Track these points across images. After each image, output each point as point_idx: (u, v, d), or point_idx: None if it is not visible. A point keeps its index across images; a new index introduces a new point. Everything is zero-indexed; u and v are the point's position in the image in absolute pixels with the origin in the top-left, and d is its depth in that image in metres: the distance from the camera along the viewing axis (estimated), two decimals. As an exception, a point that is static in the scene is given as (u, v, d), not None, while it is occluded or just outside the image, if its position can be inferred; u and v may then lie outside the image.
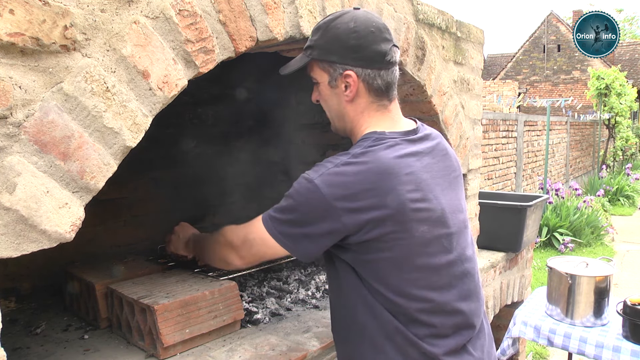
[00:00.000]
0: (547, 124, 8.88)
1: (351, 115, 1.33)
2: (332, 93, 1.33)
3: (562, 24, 24.34)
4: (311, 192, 1.19)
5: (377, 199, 1.15)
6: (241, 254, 1.40)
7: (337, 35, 1.25)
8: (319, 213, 1.19)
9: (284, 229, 1.27)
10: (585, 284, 2.35)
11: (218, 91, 3.02)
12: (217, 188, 3.15)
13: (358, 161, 1.19)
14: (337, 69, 1.27)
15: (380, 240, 1.18)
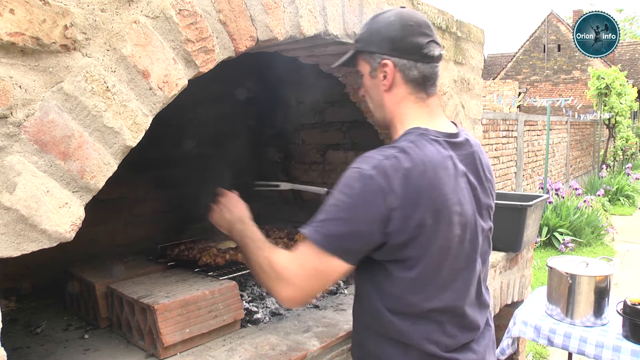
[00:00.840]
0: (547, 123, 8.88)
1: (389, 105, 1.35)
2: (372, 84, 1.36)
3: (563, 23, 24.33)
4: (366, 182, 1.16)
5: (422, 197, 1.17)
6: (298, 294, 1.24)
7: (378, 28, 1.32)
8: (374, 205, 1.15)
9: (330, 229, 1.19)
10: (585, 283, 2.35)
11: (218, 91, 3.02)
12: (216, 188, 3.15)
13: (406, 155, 1.19)
14: (376, 58, 1.32)
15: (418, 237, 1.18)
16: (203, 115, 3.04)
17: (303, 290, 1.23)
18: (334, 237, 1.18)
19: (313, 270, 1.21)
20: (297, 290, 1.23)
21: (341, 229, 1.18)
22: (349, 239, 1.18)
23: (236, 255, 2.07)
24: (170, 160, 2.85)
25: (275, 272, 1.25)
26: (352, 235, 1.18)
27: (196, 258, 2.10)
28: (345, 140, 2.99)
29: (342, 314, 1.97)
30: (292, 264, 1.24)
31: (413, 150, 1.20)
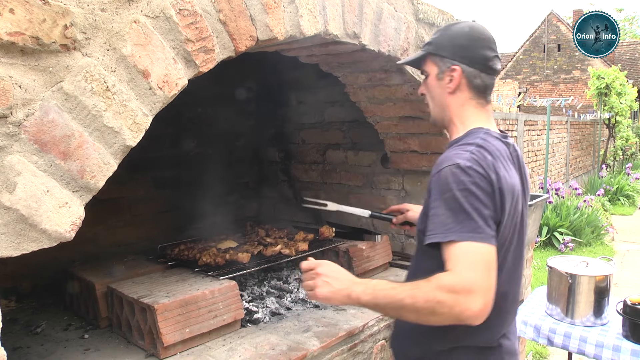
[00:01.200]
0: (547, 123, 8.87)
1: (451, 107, 1.45)
2: (437, 85, 1.46)
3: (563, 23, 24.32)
4: (471, 173, 1.22)
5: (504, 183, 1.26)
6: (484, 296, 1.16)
7: (453, 36, 1.43)
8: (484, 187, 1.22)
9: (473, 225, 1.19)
10: (585, 283, 2.35)
11: (218, 90, 3.02)
12: (216, 188, 3.15)
13: (484, 150, 1.29)
14: (446, 62, 1.43)
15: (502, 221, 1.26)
16: (203, 115, 3.04)
17: (488, 290, 1.18)
18: (477, 228, 1.19)
19: (484, 265, 1.18)
20: (485, 293, 1.17)
21: (476, 223, 1.19)
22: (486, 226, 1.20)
23: (236, 255, 2.07)
24: (170, 160, 2.85)
25: (453, 294, 1.16)
26: (486, 220, 1.21)
27: (196, 258, 2.10)
28: (345, 139, 2.99)
29: (342, 314, 1.97)
30: (463, 274, 1.17)
31: (487, 145, 1.32)
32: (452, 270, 1.18)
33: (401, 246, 2.79)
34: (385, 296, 1.26)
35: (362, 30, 1.79)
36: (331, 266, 1.42)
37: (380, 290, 1.27)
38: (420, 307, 1.19)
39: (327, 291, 1.36)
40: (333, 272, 1.40)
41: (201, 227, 3.02)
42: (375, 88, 2.35)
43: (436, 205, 1.24)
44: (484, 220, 1.20)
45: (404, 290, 1.23)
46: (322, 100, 3.05)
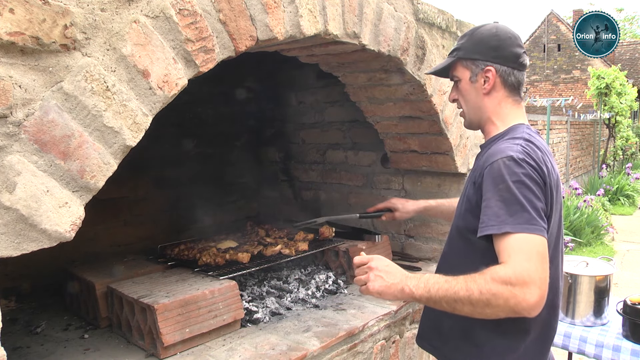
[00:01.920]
0: (548, 123, 8.87)
1: (488, 107, 1.48)
2: (471, 88, 1.49)
3: (563, 23, 24.32)
4: (522, 166, 1.25)
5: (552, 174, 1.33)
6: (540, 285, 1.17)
7: (482, 38, 1.47)
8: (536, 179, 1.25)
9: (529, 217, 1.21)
10: (585, 283, 2.35)
11: (218, 90, 3.02)
12: (217, 188, 3.15)
13: (532, 144, 1.34)
14: (479, 65, 1.46)
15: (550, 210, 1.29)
16: (203, 115, 3.04)
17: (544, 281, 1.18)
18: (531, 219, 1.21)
19: (538, 257, 1.19)
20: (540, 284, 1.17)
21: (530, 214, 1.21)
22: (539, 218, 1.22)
23: (236, 255, 2.07)
24: (170, 160, 2.85)
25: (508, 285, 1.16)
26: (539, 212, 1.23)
27: (196, 258, 2.10)
28: (345, 139, 2.99)
29: (342, 313, 1.97)
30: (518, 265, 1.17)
31: (533, 139, 1.36)
32: (507, 262, 1.18)
33: (401, 246, 2.79)
34: (439, 289, 1.26)
35: (362, 30, 1.79)
36: (384, 261, 1.44)
37: (434, 284, 1.28)
38: (476, 300, 1.20)
39: (380, 285, 1.38)
40: (386, 266, 1.41)
41: (201, 227, 3.02)
42: (375, 88, 2.35)
43: (489, 197, 1.25)
44: (537, 212, 1.22)
45: (458, 283, 1.24)
46: (322, 100, 3.05)
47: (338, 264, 2.38)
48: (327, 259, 2.44)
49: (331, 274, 2.33)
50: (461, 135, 2.49)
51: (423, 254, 2.67)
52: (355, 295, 2.19)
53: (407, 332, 2.13)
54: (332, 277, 2.30)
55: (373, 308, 2.03)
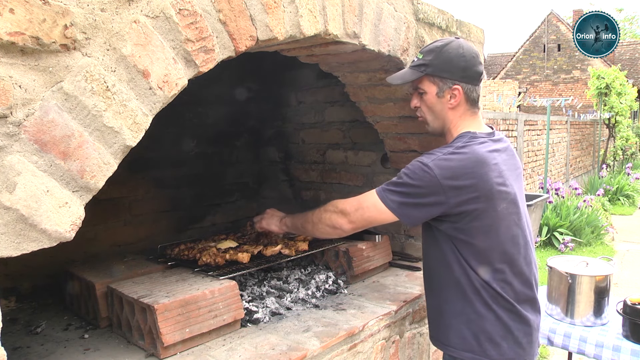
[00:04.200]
0: (547, 123, 8.88)
1: (451, 119, 1.70)
2: (437, 101, 1.69)
3: (563, 23, 24.31)
4: (425, 172, 1.53)
5: (474, 181, 1.52)
6: (352, 219, 1.68)
7: (450, 58, 1.63)
8: (430, 189, 1.53)
9: (397, 198, 1.59)
10: (585, 283, 2.35)
11: (218, 90, 3.02)
12: (217, 188, 3.15)
13: (460, 152, 1.56)
14: (447, 83, 1.65)
15: (472, 212, 1.54)
16: (203, 115, 3.04)
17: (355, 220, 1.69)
18: (397, 203, 1.59)
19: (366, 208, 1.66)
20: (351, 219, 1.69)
21: (403, 200, 1.58)
22: (407, 208, 1.59)
23: (236, 255, 2.07)
24: (170, 160, 2.85)
25: (335, 209, 1.73)
26: (410, 206, 1.58)
27: (196, 258, 2.10)
28: (345, 139, 2.99)
29: (342, 313, 1.97)
30: (349, 202, 1.71)
31: (464, 148, 1.57)
32: (349, 199, 1.72)
33: (401, 246, 2.79)
34: (300, 217, 1.88)
35: (362, 30, 1.79)
36: (273, 210, 2.07)
37: (299, 214, 1.90)
38: (315, 219, 1.77)
39: (267, 222, 2.04)
40: (273, 211, 2.06)
41: (201, 227, 3.02)
42: (375, 88, 2.35)
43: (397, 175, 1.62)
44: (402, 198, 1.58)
45: (311, 212, 1.81)
46: (322, 100, 3.05)
47: (338, 264, 2.38)
48: (327, 259, 2.44)
49: (331, 274, 2.33)
50: (461, 135, 2.49)
51: (423, 254, 2.67)
52: (355, 295, 2.19)
53: (407, 332, 2.13)
54: (332, 277, 2.30)
55: (373, 308, 2.03)
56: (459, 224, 1.57)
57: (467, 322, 1.61)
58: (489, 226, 1.56)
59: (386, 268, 2.57)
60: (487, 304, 1.59)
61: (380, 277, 2.46)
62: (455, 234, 1.59)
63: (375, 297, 2.16)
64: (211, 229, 3.05)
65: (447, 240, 1.62)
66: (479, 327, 1.60)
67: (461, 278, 1.60)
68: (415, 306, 2.16)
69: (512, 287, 1.60)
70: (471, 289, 1.59)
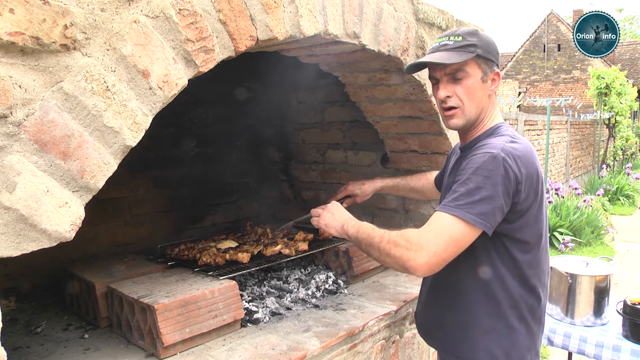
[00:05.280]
0: (547, 123, 8.88)
1: (487, 107, 1.55)
2: (481, 87, 1.51)
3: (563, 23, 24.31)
4: (499, 165, 1.33)
5: (534, 171, 1.40)
6: (432, 260, 1.32)
7: (490, 42, 1.52)
8: (506, 183, 1.33)
9: (482, 207, 1.32)
10: (585, 283, 2.35)
11: (218, 90, 3.02)
12: (217, 188, 3.15)
13: (518, 141, 1.42)
14: (493, 67, 1.51)
15: (531, 206, 1.40)
16: (203, 115, 3.04)
17: (437, 254, 1.32)
18: (486, 215, 1.33)
19: (448, 236, 1.32)
20: (433, 254, 1.32)
21: (489, 208, 1.33)
22: (493, 214, 1.34)
23: (236, 255, 2.07)
24: (170, 160, 2.85)
25: (407, 243, 1.35)
26: (497, 210, 1.34)
27: (196, 258, 2.10)
28: (345, 139, 2.99)
29: (342, 313, 1.97)
30: (425, 234, 1.35)
31: (517, 139, 1.45)
32: (421, 229, 1.38)
33: (401, 246, 2.78)
34: (364, 232, 1.54)
35: (362, 30, 1.79)
36: (337, 205, 1.73)
37: (364, 227, 1.56)
38: (382, 247, 1.43)
39: (328, 219, 1.69)
40: (337, 208, 1.72)
41: (201, 227, 3.02)
42: (375, 88, 2.35)
43: (460, 180, 1.37)
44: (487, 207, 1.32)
45: (379, 232, 1.49)
46: (322, 100, 3.05)
47: (338, 264, 2.38)
48: (327, 259, 2.44)
49: (331, 274, 2.33)
50: (461, 135, 2.49)
51: (423, 254, 2.67)
52: (355, 295, 2.19)
53: (407, 332, 2.13)
54: (332, 277, 2.30)
55: (373, 308, 2.03)
56: (518, 222, 1.40)
57: (497, 339, 1.45)
58: (543, 223, 1.46)
59: (386, 268, 2.57)
60: (522, 316, 1.45)
61: (380, 277, 2.45)
62: (511, 233, 1.41)
63: (375, 297, 2.16)
64: (211, 229, 3.04)
65: (489, 247, 1.42)
66: (511, 342, 1.45)
67: (497, 292, 1.44)
68: (415, 306, 2.16)
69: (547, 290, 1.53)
70: (508, 302, 1.44)
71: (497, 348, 1.45)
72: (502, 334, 1.45)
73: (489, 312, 1.46)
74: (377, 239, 1.46)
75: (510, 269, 1.43)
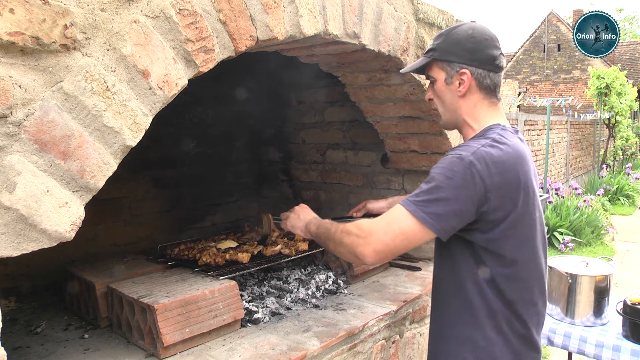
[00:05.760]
0: (547, 123, 8.88)
1: (463, 109, 1.49)
2: (447, 89, 1.49)
3: (563, 23, 24.31)
4: (465, 168, 1.28)
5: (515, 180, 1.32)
6: (378, 248, 1.35)
7: (457, 40, 1.46)
8: (470, 187, 1.28)
9: (434, 208, 1.30)
10: (585, 283, 2.35)
11: (218, 90, 3.02)
12: (217, 187, 3.15)
13: (499, 146, 1.34)
14: (454, 67, 1.46)
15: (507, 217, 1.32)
16: (203, 115, 3.04)
17: (385, 244, 1.34)
18: (436, 216, 1.30)
19: (398, 230, 1.33)
20: (379, 243, 1.35)
21: (442, 210, 1.30)
22: (448, 219, 1.31)
23: (236, 255, 2.07)
24: (170, 160, 2.85)
25: (359, 231, 1.39)
26: (451, 215, 1.30)
27: (196, 258, 2.10)
28: (345, 139, 2.99)
29: (342, 314, 1.97)
30: (376, 224, 1.38)
31: (503, 140, 1.36)
32: (375, 219, 1.41)
33: (401, 246, 2.78)
34: (323, 227, 1.60)
35: (362, 30, 1.79)
36: (305, 208, 1.80)
37: (323, 223, 1.63)
38: (337, 237, 1.48)
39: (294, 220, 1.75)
40: (304, 209, 1.78)
41: (201, 227, 3.02)
42: (375, 88, 2.35)
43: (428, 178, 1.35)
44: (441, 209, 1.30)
45: (336, 224, 1.54)
46: (322, 100, 3.05)
47: (338, 264, 2.38)
48: (327, 259, 2.44)
49: (331, 274, 2.33)
50: (461, 135, 2.49)
51: (423, 254, 2.67)
52: (355, 295, 2.19)
53: (407, 332, 2.13)
54: (332, 277, 2.30)
55: (373, 308, 2.03)
56: (491, 233, 1.33)
57: (473, 350, 1.41)
58: (526, 236, 1.37)
59: (386, 268, 2.57)
60: (499, 327, 1.39)
61: (380, 277, 2.45)
62: (485, 244, 1.35)
63: (375, 297, 2.16)
64: (211, 229, 3.05)
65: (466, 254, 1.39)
66: (487, 353, 1.40)
67: (475, 300, 1.39)
68: (415, 306, 2.16)
69: (536, 308, 1.42)
70: (485, 312, 1.38)
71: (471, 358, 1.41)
72: (478, 345, 1.40)
73: (466, 322, 1.41)
74: (332, 230, 1.52)
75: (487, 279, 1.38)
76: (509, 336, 1.39)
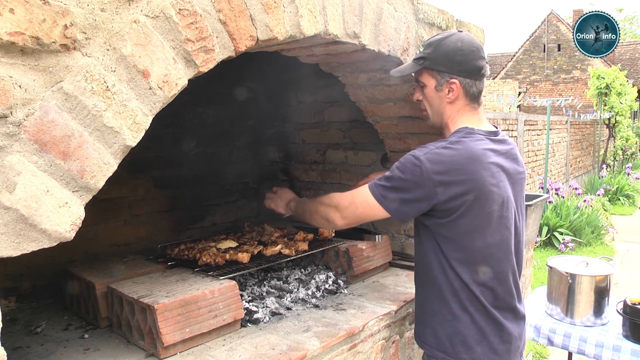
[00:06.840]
0: (548, 123, 8.88)
1: (448, 114, 1.68)
2: (436, 95, 1.68)
3: (563, 23, 24.32)
4: (416, 166, 1.51)
5: (464, 177, 1.49)
6: (345, 215, 1.67)
7: (447, 52, 1.61)
8: (419, 183, 1.50)
9: (388, 193, 1.56)
10: (585, 283, 2.35)
11: (218, 90, 3.02)
12: (217, 188, 3.15)
13: (453, 147, 1.54)
14: (444, 76, 1.63)
15: (459, 209, 1.51)
16: (203, 115, 3.04)
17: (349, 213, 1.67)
18: (388, 199, 1.57)
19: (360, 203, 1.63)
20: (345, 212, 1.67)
21: (394, 195, 1.56)
22: (397, 203, 1.56)
23: (236, 255, 2.07)
24: (170, 160, 2.85)
25: (330, 202, 1.73)
26: (400, 201, 1.55)
27: (196, 258, 2.10)
28: (345, 139, 2.99)
29: (342, 313, 1.97)
30: (345, 197, 1.69)
31: (458, 144, 1.55)
32: (345, 193, 1.71)
33: (401, 246, 2.79)
34: (303, 202, 1.95)
35: (362, 30, 1.79)
36: (284, 189, 2.10)
37: (303, 199, 1.98)
38: (313, 208, 1.81)
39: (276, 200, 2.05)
40: (283, 191, 2.08)
41: (201, 227, 3.02)
42: (375, 88, 2.35)
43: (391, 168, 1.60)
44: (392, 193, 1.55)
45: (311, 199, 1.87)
46: (322, 100, 3.05)
47: (338, 264, 2.38)
48: (327, 259, 2.44)
49: (331, 274, 2.33)
50: (461, 135, 2.49)
51: (423, 254, 2.67)
52: (355, 295, 2.19)
53: (407, 332, 2.13)
54: (332, 277, 2.30)
55: (373, 308, 2.03)
56: (444, 219, 1.54)
57: (441, 322, 1.61)
58: (476, 227, 1.53)
59: (386, 268, 2.57)
60: (463, 305, 1.57)
61: (380, 277, 2.46)
62: (440, 230, 1.56)
63: (375, 297, 2.16)
64: (211, 229, 3.05)
65: (430, 236, 1.60)
66: (453, 328, 1.58)
67: (439, 277, 1.59)
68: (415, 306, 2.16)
69: (494, 292, 1.58)
70: (449, 289, 1.58)
71: (441, 330, 1.61)
72: (445, 319, 1.59)
73: (435, 296, 1.62)
74: (309, 203, 1.86)
75: (450, 258, 1.57)
76: (474, 315, 1.56)
